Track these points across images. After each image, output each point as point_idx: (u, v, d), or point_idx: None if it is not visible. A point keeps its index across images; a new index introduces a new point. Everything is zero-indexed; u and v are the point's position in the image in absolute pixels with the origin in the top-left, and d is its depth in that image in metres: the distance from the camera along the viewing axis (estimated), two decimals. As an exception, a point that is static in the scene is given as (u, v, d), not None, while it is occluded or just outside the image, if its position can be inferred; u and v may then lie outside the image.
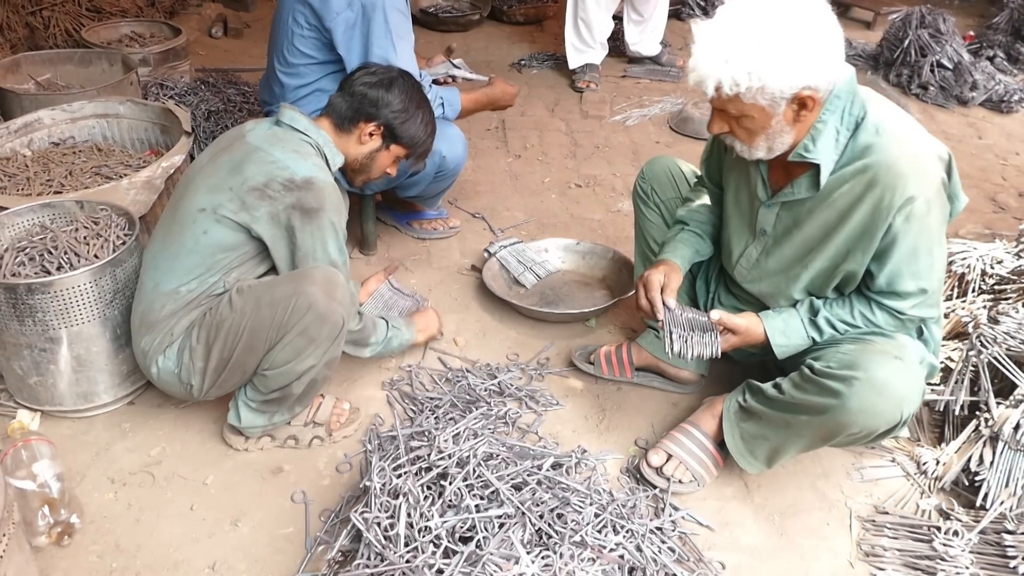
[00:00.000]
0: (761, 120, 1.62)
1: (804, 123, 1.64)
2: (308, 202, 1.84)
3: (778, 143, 1.67)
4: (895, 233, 1.65)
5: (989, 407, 1.97)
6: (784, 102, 1.58)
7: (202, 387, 1.90)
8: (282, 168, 1.85)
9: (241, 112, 3.41)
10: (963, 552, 1.76)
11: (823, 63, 1.56)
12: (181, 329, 1.88)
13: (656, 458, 1.95)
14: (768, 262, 1.89)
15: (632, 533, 1.67)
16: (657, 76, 4.66)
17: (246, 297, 1.82)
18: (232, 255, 1.87)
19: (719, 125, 1.70)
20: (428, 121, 2.10)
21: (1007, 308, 2.21)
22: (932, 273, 1.72)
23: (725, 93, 1.57)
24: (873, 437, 1.73)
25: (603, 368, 2.28)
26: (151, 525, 1.83)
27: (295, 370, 1.83)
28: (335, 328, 1.81)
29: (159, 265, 1.90)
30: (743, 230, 1.94)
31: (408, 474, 1.66)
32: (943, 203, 1.69)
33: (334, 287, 1.81)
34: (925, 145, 1.68)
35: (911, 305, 1.73)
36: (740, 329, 1.84)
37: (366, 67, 2.07)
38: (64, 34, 3.98)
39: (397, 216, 3.03)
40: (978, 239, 2.92)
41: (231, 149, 1.92)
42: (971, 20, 5.73)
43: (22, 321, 1.91)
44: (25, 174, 2.51)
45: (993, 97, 4.39)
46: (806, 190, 1.74)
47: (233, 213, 1.84)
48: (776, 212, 1.83)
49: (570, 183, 3.47)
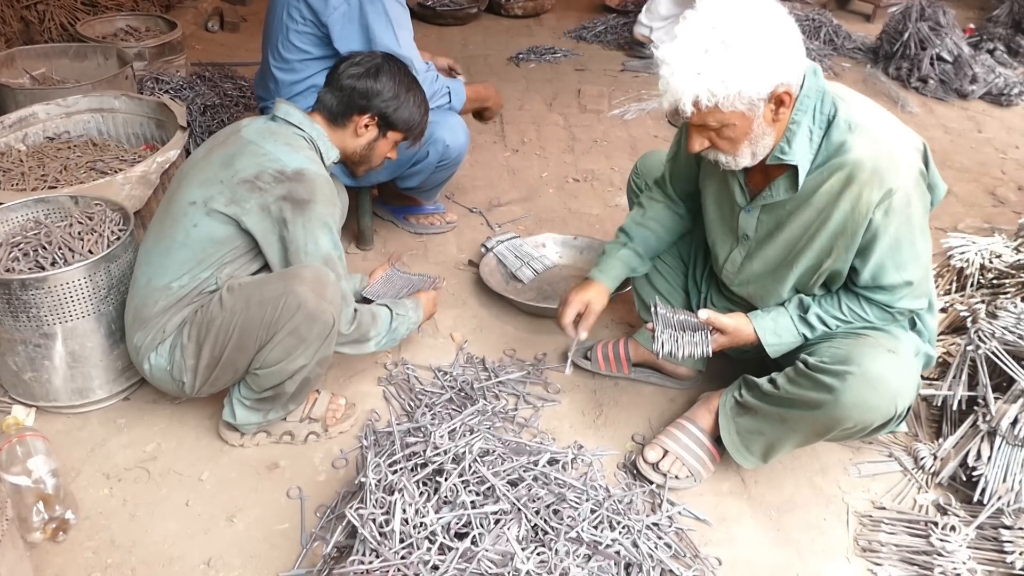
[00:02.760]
0: (743, 126, 1.61)
1: (782, 121, 1.65)
2: (299, 193, 1.82)
3: (761, 147, 1.66)
4: (876, 228, 1.65)
5: (987, 402, 1.96)
6: (762, 103, 1.57)
7: (194, 384, 1.89)
8: (272, 160, 1.84)
9: (237, 107, 3.40)
10: (960, 547, 1.76)
11: (791, 57, 1.56)
12: (173, 326, 1.87)
13: (652, 454, 1.95)
14: (753, 265, 1.89)
15: (628, 529, 1.66)
16: (655, 70, 4.64)
17: (236, 296, 1.80)
18: (223, 249, 1.86)
19: (699, 142, 1.68)
20: (420, 101, 2.08)
21: (1006, 303, 2.20)
22: (916, 264, 1.71)
23: (704, 106, 1.56)
24: (868, 431, 1.72)
25: (600, 364, 2.27)
26: (146, 521, 1.83)
27: (287, 369, 1.82)
28: (325, 327, 1.80)
29: (152, 260, 1.89)
30: (726, 235, 1.94)
31: (404, 470, 1.66)
32: (922, 194, 1.68)
33: (324, 286, 1.79)
34: (899, 137, 1.68)
35: (898, 298, 1.73)
36: (729, 329, 1.84)
37: (349, 58, 2.04)
38: (59, 28, 3.97)
39: (394, 211, 3.03)
40: (977, 233, 2.92)
41: (226, 144, 1.91)
42: (971, 13, 5.72)
43: (16, 317, 1.90)
44: (19, 169, 2.50)
45: (993, 90, 4.38)
46: (784, 191, 1.73)
47: (223, 206, 1.82)
48: (757, 216, 1.82)
49: (568, 177, 3.46)
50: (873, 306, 1.76)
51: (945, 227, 3.06)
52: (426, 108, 2.11)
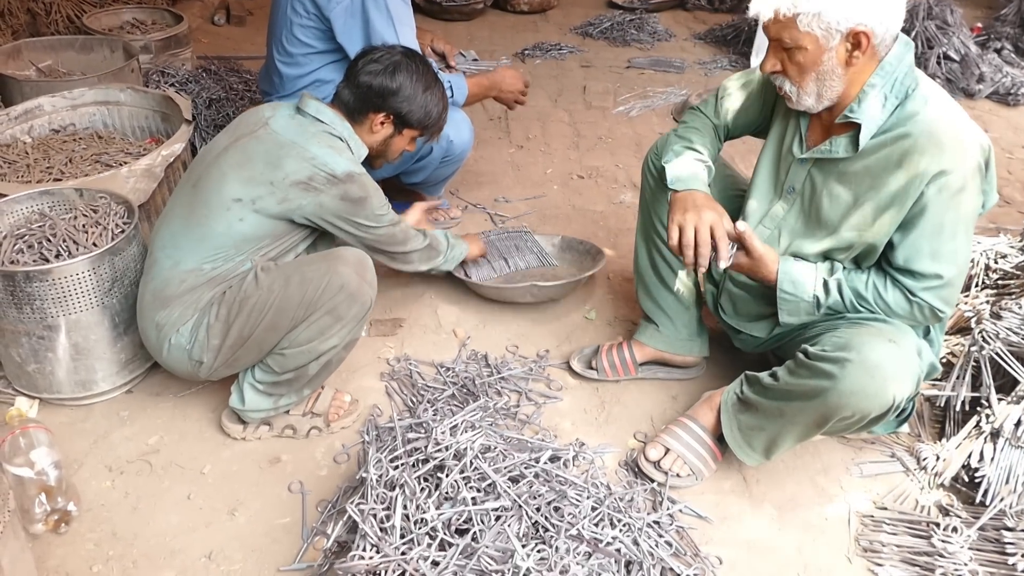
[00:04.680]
0: (814, 53, 1.63)
1: (855, 69, 1.65)
2: (354, 192, 1.92)
3: (827, 88, 1.68)
4: (925, 203, 1.64)
5: (990, 403, 1.96)
6: (839, 36, 1.60)
7: (212, 365, 1.89)
8: (321, 164, 1.88)
9: (243, 100, 3.40)
10: (962, 548, 1.76)
11: (882, 4, 1.58)
12: (203, 304, 1.87)
13: (654, 452, 1.95)
14: (791, 221, 1.87)
15: (629, 527, 1.66)
16: (661, 67, 4.64)
17: (274, 276, 1.83)
18: (264, 240, 1.90)
19: (772, 61, 1.71)
20: (439, 99, 2.08)
21: (1010, 303, 2.19)
22: (953, 260, 1.69)
23: (783, 14, 1.61)
24: (867, 422, 1.71)
25: (607, 372, 2.25)
26: (148, 513, 1.83)
27: (317, 349, 1.85)
28: (363, 308, 1.86)
29: (180, 244, 1.88)
30: (769, 188, 1.92)
31: (405, 466, 1.66)
32: (977, 189, 1.67)
33: (365, 269, 1.86)
34: (970, 127, 1.68)
35: (924, 287, 1.71)
36: (756, 254, 1.79)
37: (370, 53, 2.04)
38: (65, 20, 3.97)
39: (398, 206, 2.99)
40: (982, 233, 2.91)
41: (257, 137, 1.90)
42: (979, 11, 5.69)
43: (20, 309, 1.91)
44: (25, 161, 2.51)
45: (1000, 90, 4.36)
46: (844, 150, 1.73)
47: (275, 205, 1.87)
48: (808, 170, 1.82)
49: (572, 174, 3.45)
50: (896, 289, 1.74)
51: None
52: (445, 104, 2.13)
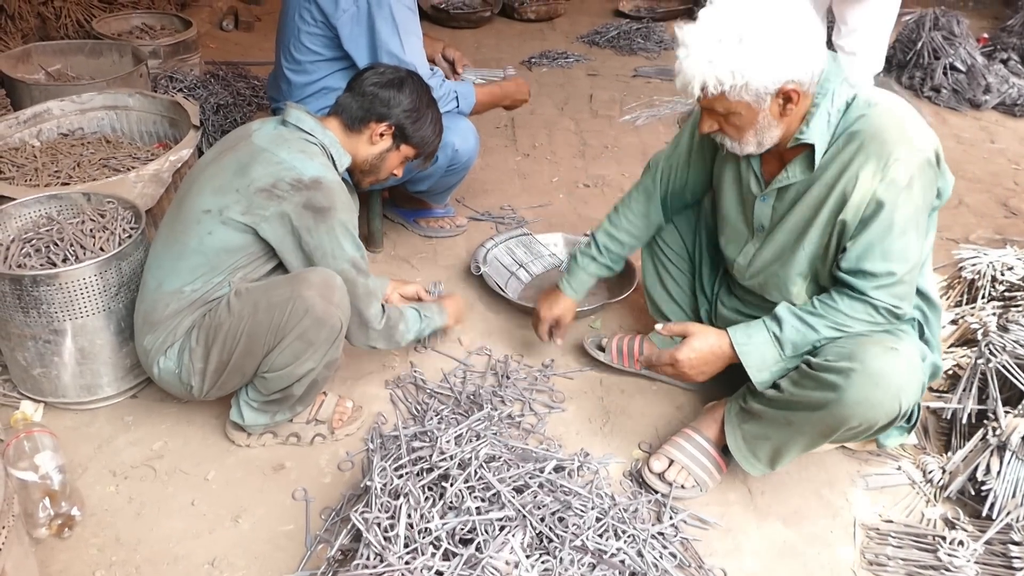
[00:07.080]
0: (748, 116, 1.66)
1: (791, 116, 1.68)
2: (318, 201, 1.82)
3: (767, 137, 1.71)
4: (877, 202, 1.65)
5: (997, 416, 1.94)
6: (769, 97, 1.62)
7: (202, 388, 1.89)
8: (288, 168, 1.83)
9: (250, 106, 3.41)
10: (968, 563, 1.75)
11: (804, 56, 1.59)
12: (184, 329, 1.88)
13: (658, 464, 1.94)
14: (764, 253, 1.89)
15: (634, 538, 1.66)
16: (667, 76, 4.63)
17: (244, 301, 1.81)
18: (237, 255, 1.86)
19: (709, 124, 1.74)
20: (437, 121, 2.10)
21: (1017, 316, 2.19)
22: (904, 257, 1.68)
23: (711, 92, 1.62)
24: (874, 431, 1.71)
25: (613, 357, 2.28)
26: (152, 519, 1.83)
27: (294, 373, 1.83)
28: (333, 331, 1.81)
29: (163, 264, 1.89)
30: (740, 230, 1.95)
31: (409, 474, 1.66)
32: (926, 185, 1.67)
33: (331, 290, 1.79)
34: (917, 124, 1.70)
35: (875, 286, 1.69)
36: (689, 331, 1.87)
37: (374, 67, 2.07)
38: (75, 25, 3.99)
39: (404, 213, 3.03)
40: (989, 244, 2.90)
41: (236, 149, 1.90)
42: (985, 22, 5.68)
43: (27, 312, 1.91)
44: (33, 165, 2.51)
45: (1006, 100, 4.35)
46: (800, 172, 1.75)
47: (240, 215, 1.82)
48: (771, 204, 1.84)
49: (578, 183, 3.45)
50: (845, 295, 1.73)
51: (956, 238, 3.04)
52: (441, 130, 2.13)
